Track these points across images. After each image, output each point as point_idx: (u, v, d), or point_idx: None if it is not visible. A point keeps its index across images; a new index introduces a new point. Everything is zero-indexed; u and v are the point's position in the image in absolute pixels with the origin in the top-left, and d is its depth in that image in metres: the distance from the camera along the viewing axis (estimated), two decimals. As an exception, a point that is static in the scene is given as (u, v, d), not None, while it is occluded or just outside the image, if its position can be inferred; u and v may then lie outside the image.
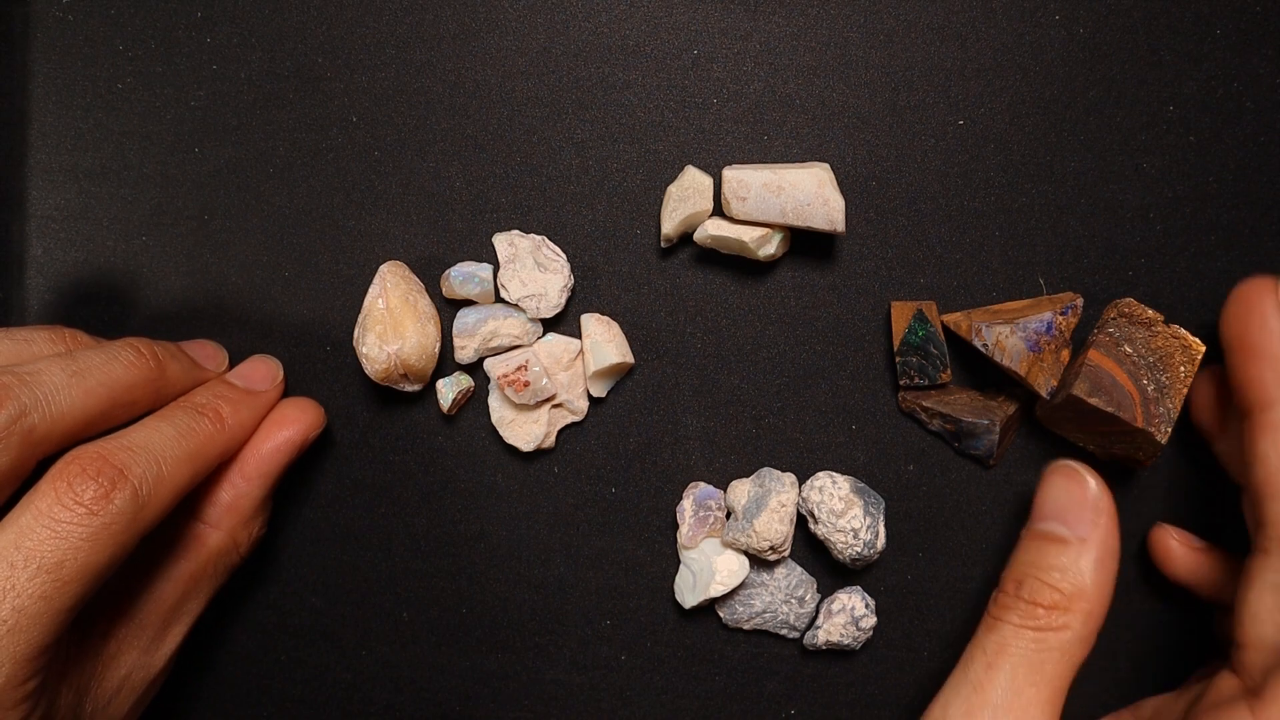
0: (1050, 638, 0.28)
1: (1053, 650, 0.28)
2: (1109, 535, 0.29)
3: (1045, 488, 0.30)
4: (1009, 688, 0.28)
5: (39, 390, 0.27)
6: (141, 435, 0.29)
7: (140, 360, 0.30)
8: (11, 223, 0.36)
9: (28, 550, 0.25)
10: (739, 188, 0.32)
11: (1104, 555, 0.29)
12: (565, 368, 0.34)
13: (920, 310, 0.33)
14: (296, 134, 0.35)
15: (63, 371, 0.28)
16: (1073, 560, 0.29)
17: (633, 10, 0.34)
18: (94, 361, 0.29)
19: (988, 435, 0.33)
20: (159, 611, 0.31)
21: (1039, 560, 0.29)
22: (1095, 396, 0.30)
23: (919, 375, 0.33)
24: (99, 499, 0.26)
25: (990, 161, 0.34)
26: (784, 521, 0.33)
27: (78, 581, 0.26)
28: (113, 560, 0.27)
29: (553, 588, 0.36)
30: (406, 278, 0.34)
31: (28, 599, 0.25)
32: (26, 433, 0.27)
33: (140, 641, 0.31)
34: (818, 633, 0.34)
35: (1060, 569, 0.29)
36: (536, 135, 0.34)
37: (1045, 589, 0.29)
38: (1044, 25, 0.33)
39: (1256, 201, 0.33)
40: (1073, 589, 0.28)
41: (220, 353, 0.35)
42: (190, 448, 0.29)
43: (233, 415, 0.32)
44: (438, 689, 0.36)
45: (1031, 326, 0.32)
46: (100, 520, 0.26)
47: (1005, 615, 0.29)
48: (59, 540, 0.26)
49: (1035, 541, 0.30)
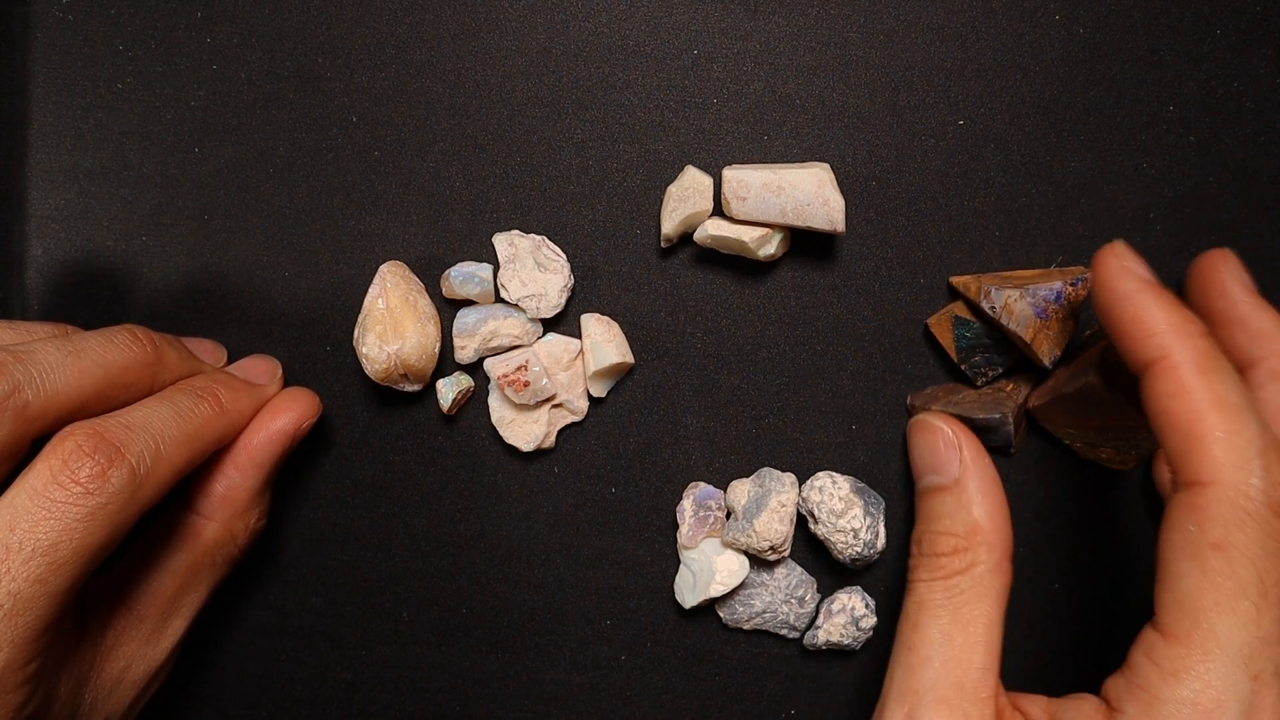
0: (960, 581, 0.28)
1: (966, 591, 0.28)
2: (978, 465, 0.30)
3: (911, 448, 0.32)
4: (939, 639, 0.28)
5: (33, 367, 0.27)
6: (139, 414, 0.28)
7: (136, 343, 0.30)
8: (11, 223, 0.36)
9: (23, 532, 0.25)
10: (739, 188, 0.32)
11: (982, 485, 0.29)
12: (565, 368, 0.34)
13: (955, 316, 0.33)
14: (296, 134, 0.35)
15: (58, 351, 0.28)
16: (955, 502, 0.29)
17: (633, 10, 0.34)
18: (90, 343, 0.29)
19: (1003, 427, 0.33)
20: (157, 603, 0.31)
21: (928, 513, 0.30)
22: (1114, 388, 0.30)
23: (991, 368, 0.33)
24: (95, 477, 0.26)
25: (990, 161, 0.34)
26: (784, 521, 0.33)
27: (74, 563, 0.25)
28: (109, 541, 0.26)
29: (553, 588, 0.36)
30: (406, 278, 0.34)
31: (24, 583, 0.25)
32: (20, 408, 0.26)
33: (140, 633, 0.31)
34: (818, 633, 0.34)
35: (948, 515, 0.29)
36: (536, 135, 0.34)
37: (941, 538, 0.29)
38: (1044, 25, 0.33)
39: (1256, 201, 0.33)
40: (965, 528, 0.29)
41: (219, 350, 0.35)
42: (188, 429, 0.29)
43: (231, 401, 0.31)
44: (438, 689, 0.36)
45: (1041, 293, 0.31)
46: (97, 500, 0.26)
47: (915, 575, 0.29)
48: (54, 521, 0.25)
49: (921, 500, 0.31)
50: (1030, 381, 0.34)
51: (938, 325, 0.33)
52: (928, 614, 0.28)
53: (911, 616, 0.29)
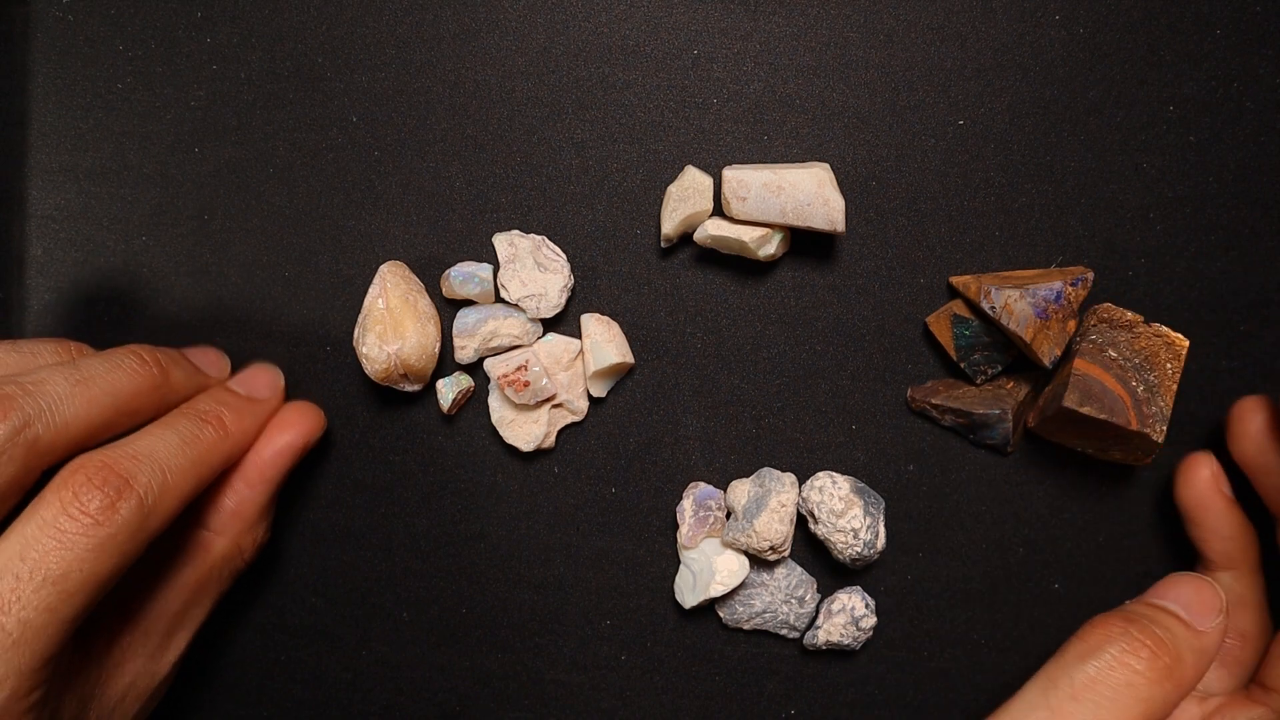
0: None
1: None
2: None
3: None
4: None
5: (43, 400, 0.27)
6: (146, 443, 0.28)
7: (144, 367, 0.30)
8: (11, 223, 0.36)
9: (33, 561, 0.25)
10: (739, 188, 0.32)
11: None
12: (565, 368, 0.34)
13: (954, 314, 0.33)
14: (296, 134, 0.35)
15: (66, 380, 0.28)
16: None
17: (633, 10, 0.34)
18: (97, 370, 0.29)
19: (1001, 424, 0.33)
20: (164, 619, 0.31)
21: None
22: (1087, 405, 0.30)
23: (990, 366, 0.33)
24: (105, 509, 0.26)
25: (990, 161, 0.34)
26: (784, 521, 0.33)
27: (83, 592, 0.26)
28: (118, 570, 0.27)
29: (553, 588, 0.36)
30: (406, 278, 0.34)
31: (33, 611, 0.25)
32: (31, 444, 0.26)
33: (145, 649, 0.31)
34: (818, 633, 0.34)
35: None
36: (536, 135, 0.34)
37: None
38: (1044, 25, 0.33)
39: (1256, 201, 0.33)
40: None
41: (223, 359, 0.35)
42: (194, 455, 0.29)
43: (235, 423, 0.31)
44: (438, 689, 0.36)
45: (1041, 294, 0.31)
46: (106, 530, 0.26)
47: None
48: (64, 551, 0.25)
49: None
50: (1030, 380, 0.34)
51: (937, 324, 0.33)
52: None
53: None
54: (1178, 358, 0.31)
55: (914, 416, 0.35)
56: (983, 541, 0.35)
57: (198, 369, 0.33)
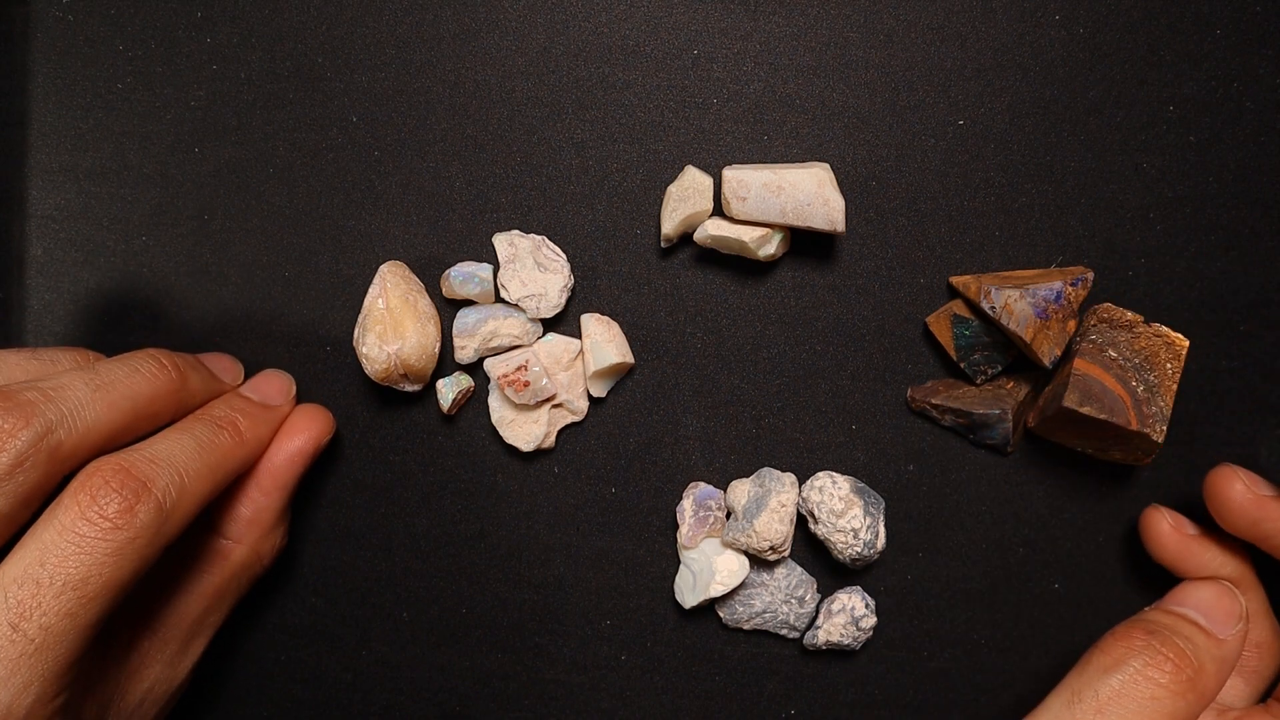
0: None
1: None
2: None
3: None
4: None
5: (64, 406, 0.27)
6: (163, 447, 0.28)
7: (163, 372, 0.30)
8: (11, 223, 0.36)
9: (53, 567, 0.25)
10: (739, 188, 0.32)
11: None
12: (565, 368, 0.34)
13: (954, 314, 0.33)
14: (296, 134, 0.35)
15: (86, 386, 0.28)
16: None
17: (633, 10, 0.34)
18: (117, 374, 0.29)
19: (1001, 424, 0.33)
20: (183, 626, 0.31)
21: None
22: (1087, 405, 0.30)
23: (990, 366, 0.33)
24: (124, 513, 0.26)
25: (990, 161, 0.34)
26: (784, 521, 0.33)
27: (103, 597, 0.26)
28: (137, 574, 0.27)
29: (553, 588, 0.36)
30: (406, 278, 0.34)
31: (54, 617, 0.25)
32: (53, 449, 0.26)
33: (164, 655, 0.31)
34: (818, 633, 0.34)
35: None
36: (536, 135, 0.34)
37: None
38: (1044, 25, 0.33)
39: (1256, 201, 0.33)
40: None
41: (236, 366, 0.35)
42: (211, 460, 0.29)
43: (250, 429, 0.32)
44: (438, 689, 0.36)
45: (1041, 294, 0.31)
46: (125, 534, 0.26)
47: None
48: (84, 556, 0.25)
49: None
50: (1030, 380, 0.34)
51: (937, 323, 0.34)
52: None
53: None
54: (1178, 358, 0.31)
55: (914, 416, 0.35)
56: (983, 541, 0.35)
57: (213, 374, 0.33)
